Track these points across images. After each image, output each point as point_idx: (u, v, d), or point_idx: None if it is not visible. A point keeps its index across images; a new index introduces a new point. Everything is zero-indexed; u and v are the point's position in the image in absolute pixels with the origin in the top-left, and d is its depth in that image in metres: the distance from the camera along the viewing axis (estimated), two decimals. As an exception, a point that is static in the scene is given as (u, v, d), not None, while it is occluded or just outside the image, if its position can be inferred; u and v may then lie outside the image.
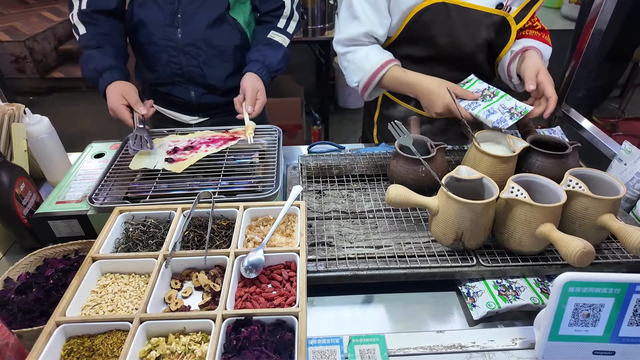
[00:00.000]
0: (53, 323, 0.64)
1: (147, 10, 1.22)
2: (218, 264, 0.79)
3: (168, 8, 1.21)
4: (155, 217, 0.88)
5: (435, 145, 1.01)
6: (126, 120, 1.11)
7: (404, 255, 0.87)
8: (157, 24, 1.23)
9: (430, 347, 0.71)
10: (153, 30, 1.24)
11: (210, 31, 1.25)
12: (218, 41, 1.27)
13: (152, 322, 0.66)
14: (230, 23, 1.28)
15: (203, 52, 1.26)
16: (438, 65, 1.20)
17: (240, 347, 0.62)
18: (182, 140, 1.11)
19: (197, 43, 1.25)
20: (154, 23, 1.23)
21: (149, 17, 1.23)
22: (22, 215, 0.92)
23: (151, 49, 1.27)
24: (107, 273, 0.78)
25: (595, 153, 1.30)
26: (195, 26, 1.23)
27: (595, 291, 0.60)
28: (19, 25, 4.11)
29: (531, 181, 0.86)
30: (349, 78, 1.23)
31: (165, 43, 1.24)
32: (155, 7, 1.22)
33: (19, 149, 1.07)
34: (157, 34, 1.24)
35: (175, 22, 1.22)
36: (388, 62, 1.16)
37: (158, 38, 1.24)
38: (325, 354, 0.68)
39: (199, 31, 1.24)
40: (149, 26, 1.24)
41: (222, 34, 1.27)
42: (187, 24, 1.23)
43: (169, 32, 1.23)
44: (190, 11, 1.22)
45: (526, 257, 0.86)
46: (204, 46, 1.26)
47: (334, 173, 1.14)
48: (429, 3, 1.09)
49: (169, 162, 1.02)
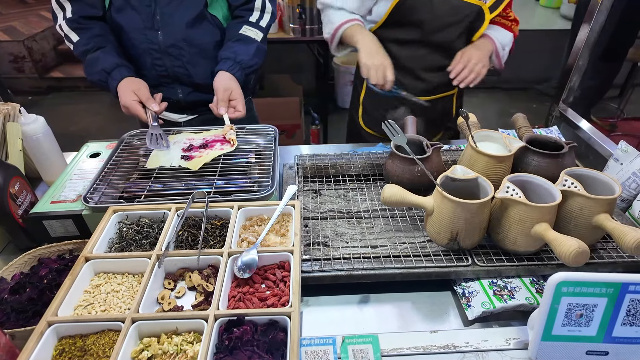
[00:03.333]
0: (45, 323, 0.64)
1: (125, 15, 1.21)
2: (211, 264, 0.79)
3: (145, 11, 1.19)
4: (149, 217, 0.88)
5: (431, 145, 1.01)
6: (141, 116, 1.13)
7: (399, 255, 0.87)
8: (137, 28, 1.21)
9: (423, 347, 0.71)
10: (133, 34, 1.22)
11: (191, 30, 1.23)
12: (199, 39, 1.26)
13: (145, 322, 0.66)
14: (209, 20, 1.27)
15: (185, 51, 1.25)
16: (422, 48, 1.31)
17: (232, 347, 0.62)
18: (197, 139, 1.12)
19: (178, 43, 1.23)
20: (134, 27, 1.21)
21: (128, 22, 1.21)
22: (16, 214, 0.92)
23: (134, 53, 1.26)
24: (100, 273, 0.78)
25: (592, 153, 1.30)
26: (175, 27, 1.22)
27: (589, 291, 0.60)
28: (18, 24, 4.11)
29: (526, 181, 0.86)
30: (324, 30, 1.38)
31: (147, 46, 1.23)
32: (133, 12, 1.20)
33: (14, 149, 1.07)
34: (138, 38, 1.22)
35: (155, 25, 1.21)
36: (351, 20, 1.29)
37: (140, 42, 1.22)
38: (318, 354, 0.68)
39: (180, 31, 1.22)
40: (129, 31, 1.22)
41: (202, 32, 1.26)
42: (167, 25, 1.21)
43: (149, 35, 1.22)
44: (169, 12, 1.20)
45: (521, 257, 0.86)
46: (185, 46, 1.24)
47: (330, 173, 1.14)
48: None
49: (185, 159, 1.03)
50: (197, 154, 1.05)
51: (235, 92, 1.21)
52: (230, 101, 1.21)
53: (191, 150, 1.07)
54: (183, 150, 1.07)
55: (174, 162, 1.03)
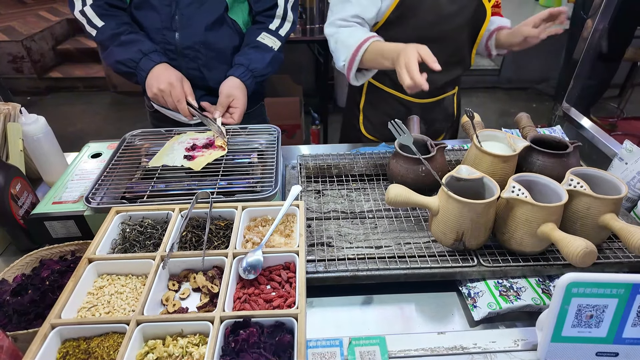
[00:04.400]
0: (48, 325, 0.63)
1: (144, 12, 1.19)
2: (216, 265, 0.78)
3: (165, 11, 1.18)
4: (153, 218, 0.87)
5: (436, 145, 1.00)
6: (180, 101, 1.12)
7: (404, 255, 0.86)
8: (155, 27, 1.20)
9: (431, 349, 0.70)
10: (151, 33, 1.21)
11: (209, 33, 1.21)
12: (217, 43, 1.24)
13: (149, 325, 0.65)
14: (229, 24, 1.25)
15: (202, 54, 1.23)
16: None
17: (238, 349, 0.61)
18: (201, 138, 1.11)
19: (195, 46, 1.21)
20: (152, 26, 1.20)
21: (146, 20, 1.20)
22: (17, 215, 0.91)
23: None
24: (104, 274, 0.77)
25: (596, 152, 1.29)
26: (194, 29, 1.20)
27: (599, 292, 0.60)
28: (16, 24, 4.10)
29: (532, 181, 0.86)
30: (337, 58, 1.22)
31: (163, 46, 1.21)
32: (152, 10, 1.18)
33: (15, 149, 1.06)
34: (155, 38, 1.20)
35: (173, 25, 1.19)
36: (370, 37, 1.14)
37: (156, 41, 1.20)
38: (325, 356, 0.67)
39: (198, 34, 1.20)
40: (147, 29, 1.21)
41: (221, 35, 1.24)
42: (186, 27, 1.19)
43: (167, 36, 1.20)
44: (188, 13, 1.19)
45: (527, 257, 0.85)
46: (202, 49, 1.22)
47: (334, 173, 1.13)
48: None
49: (188, 159, 1.02)
50: (200, 153, 1.05)
51: (237, 101, 1.19)
52: (229, 107, 1.20)
53: (194, 150, 1.06)
54: (186, 150, 1.06)
55: (176, 161, 1.02)
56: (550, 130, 1.28)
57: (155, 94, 1.13)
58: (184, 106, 1.13)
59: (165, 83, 1.12)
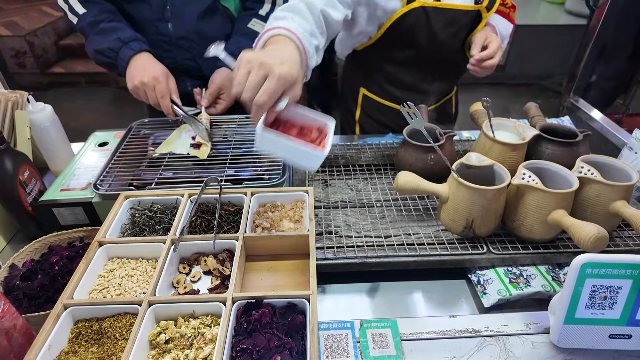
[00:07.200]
0: (61, 306, 0.63)
1: (136, 5, 1.18)
2: (227, 249, 0.78)
3: (156, 2, 1.16)
4: (162, 203, 0.87)
5: (445, 134, 1.00)
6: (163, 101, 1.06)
7: (413, 243, 0.86)
8: (147, 19, 1.18)
9: (443, 332, 0.70)
10: (143, 25, 1.19)
11: (202, 22, 1.20)
12: (210, 32, 1.21)
13: (161, 305, 0.65)
14: (221, 12, 1.23)
15: (196, 44, 1.21)
16: (419, 64, 1.23)
17: (251, 329, 0.61)
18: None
19: (189, 36, 1.20)
20: (144, 18, 1.18)
21: (138, 12, 1.18)
22: (26, 202, 0.91)
23: None
24: (114, 258, 0.77)
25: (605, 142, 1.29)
26: (186, 18, 1.18)
27: (613, 272, 0.59)
28: (19, 20, 4.09)
29: (542, 168, 0.85)
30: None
31: (157, 38, 1.20)
32: (143, 2, 1.16)
33: (23, 137, 1.06)
34: (148, 30, 1.19)
35: (165, 16, 1.17)
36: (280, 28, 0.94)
37: (149, 33, 1.19)
38: (337, 338, 0.67)
39: (190, 23, 1.18)
40: (139, 21, 1.19)
41: (213, 24, 1.22)
42: (178, 17, 1.18)
43: (159, 27, 1.18)
44: (180, 3, 1.17)
45: (537, 245, 0.85)
46: (196, 38, 1.20)
47: (340, 163, 1.13)
48: (407, 9, 1.10)
49: (194, 147, 1.03)
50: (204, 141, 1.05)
51: (227, 94, 1.18)
52: (218, 98, 1.19)
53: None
54: (192, 139, 1.06)
55: (183, 149, 1.03)
56: (559, 121, 1.28)
57: (137, 87, 1.07)
58: (167, 103, 1.07)
59: (149, 76, 1.06)
